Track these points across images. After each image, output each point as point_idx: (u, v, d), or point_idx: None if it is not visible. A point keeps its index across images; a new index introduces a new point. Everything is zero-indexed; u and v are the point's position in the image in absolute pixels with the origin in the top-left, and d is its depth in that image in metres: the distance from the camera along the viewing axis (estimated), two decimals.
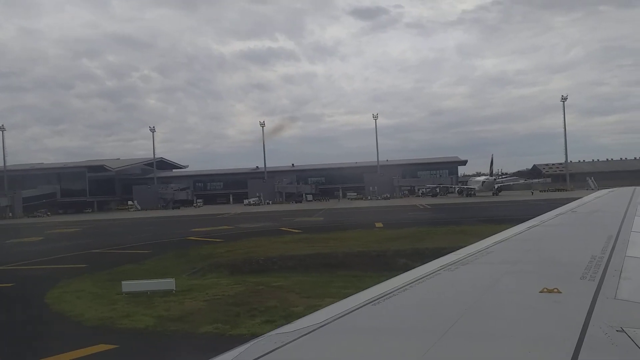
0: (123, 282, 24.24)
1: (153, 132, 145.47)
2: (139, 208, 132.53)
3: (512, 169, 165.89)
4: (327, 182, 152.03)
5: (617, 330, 3.10)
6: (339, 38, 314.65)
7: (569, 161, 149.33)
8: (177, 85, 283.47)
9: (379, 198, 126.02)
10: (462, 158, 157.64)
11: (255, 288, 24.73)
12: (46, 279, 29.99)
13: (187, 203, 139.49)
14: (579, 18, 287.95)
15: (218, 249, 42.66)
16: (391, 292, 4.20)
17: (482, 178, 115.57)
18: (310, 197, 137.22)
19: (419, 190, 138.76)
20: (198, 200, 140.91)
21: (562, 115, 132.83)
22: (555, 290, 4.01)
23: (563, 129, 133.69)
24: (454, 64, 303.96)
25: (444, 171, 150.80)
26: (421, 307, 3.99)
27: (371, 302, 3.95)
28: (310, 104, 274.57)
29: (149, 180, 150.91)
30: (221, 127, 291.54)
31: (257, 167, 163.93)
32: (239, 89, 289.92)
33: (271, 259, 37.09)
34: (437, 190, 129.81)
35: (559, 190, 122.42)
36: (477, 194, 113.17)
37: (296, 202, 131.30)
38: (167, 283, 23.86)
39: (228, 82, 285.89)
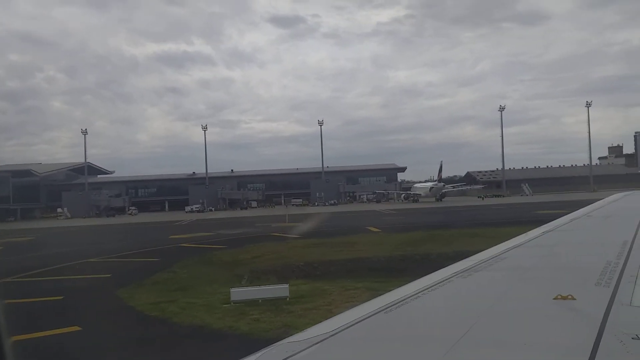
0: (232, 290, 21.97)
1: (85, 134, 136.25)
2: (69, 216, 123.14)
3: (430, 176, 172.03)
4: (267, 188, 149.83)
5: (632, 338, 3.04)
6: (257, 45, 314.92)
7: (497, 169, 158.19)
8: (85, 87, 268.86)
9: (327, 204, 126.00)
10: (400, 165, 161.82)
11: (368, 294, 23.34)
12: (98, 290, 26.86)
13: (120, 210, 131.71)
14: (485, 34, 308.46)
15: (237, 254, 40.30)
16: (403, 300, 4.13)
17: (429, 184, 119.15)
18: (254, 203, 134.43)
19: (360, 197, 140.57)
20: (131, 208, 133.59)
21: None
22: (570, 296, 3.95)
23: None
24: (369, 74, 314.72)
25: (381, 177, 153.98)
26: (434, 315, 3.95)
27: (383, 310, 3.87)
28: (227, 110, 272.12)
29: (77, 186, 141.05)
30: (132, 132, 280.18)
31: (193, 172, 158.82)
32: (153, 92, 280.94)
33: (311, 264, 35.54)
34: (383, 195, 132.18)
35: (496, 196, 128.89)
36: (420, 200, 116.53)
37: (241, 209, 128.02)
38: (281, 289, 21.86)
39: (141, 85, 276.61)
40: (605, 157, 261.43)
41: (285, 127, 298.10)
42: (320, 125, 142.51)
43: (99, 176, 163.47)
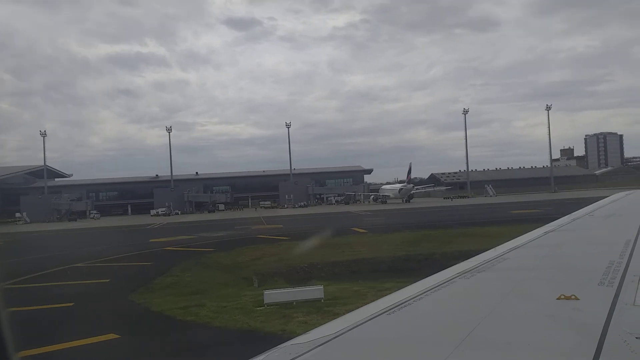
0: (265, 292, 21.28)
1: (44, 136, 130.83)
2: (29, 221, 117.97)
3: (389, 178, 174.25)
4: (233, 191, 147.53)
5: (636, 337, 3.03)
6: (212, 46, 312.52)
7: (460, 170, 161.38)
8: (34, 89, 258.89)
9: (296, 206, 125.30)
10: (366, 167, 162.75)
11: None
12: (107, 295, 25.66)
13: (81, 215, 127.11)
14: (438, 40, 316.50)
15: (233, 257, 39.48)
16: (407, 301, 4.16)
17: (398, 185, 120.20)
18: (222, 206, 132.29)
19: (327, 199, 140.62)
20: (93, 211, 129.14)
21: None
22: (573, 296, 3.94)
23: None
24: (326, 78, 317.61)
25: (348, 179, 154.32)
26: (437, 316, 3.95)
27: (386, 311, 3.88)
28: (182, 112, 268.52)
29: (35, 190, 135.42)
30: (84, 135, 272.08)
31: (156, 175, 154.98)
32: (105, 94, 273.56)
33: (315, 266, 35.16)
34: (351, 197, 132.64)
35: (461, 197, 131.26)
36: (388, 201, 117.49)
37: (209, 212, 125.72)
38: (315, 291, 21.33)
39: (92, 87, 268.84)
40: (557, 159, 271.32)
41: (242, 130, 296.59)
42: (288, 127, 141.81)
43: (56, 179, 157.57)
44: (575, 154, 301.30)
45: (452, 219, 65.06)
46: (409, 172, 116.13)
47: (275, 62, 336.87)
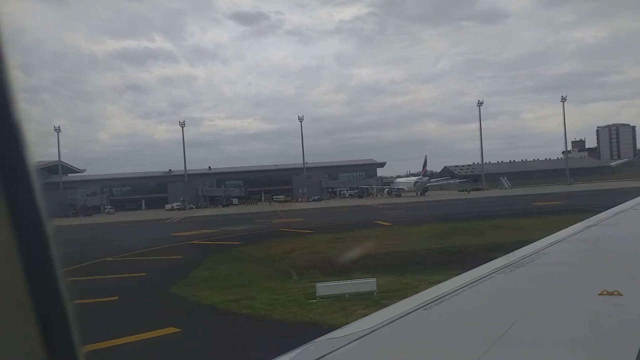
0: (318, 285, 21.05)
1: (58, 132, 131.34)
2: None
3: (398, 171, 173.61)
4: (246, 185, 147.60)
5: None
6: (220, 41, 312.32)
7: (474, 163, 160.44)
8: (42, 85, 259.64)
9: (310, 200, 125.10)
10: (378, 160, 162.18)
11: None
12: (149, 288, 25.54)
13: (96, 210, 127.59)
14: (445, 32, 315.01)
15: (265, 250, 39.28)
16: (443, 297, 4.11)
17: (413, 179, 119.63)
18: (235, 200, 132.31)
19: (340, 192, 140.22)
20: (107, 206, 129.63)
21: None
22: (616, 292, 3.86)
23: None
24: (332, 72, 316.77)
25: (361, 173, 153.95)
26: (474, 312, 3.87)
27: (422, 307, 3.83)
28: (190, 108, 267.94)
29: (49, 185, 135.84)
30: (92, 131, 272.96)
31: (169, 170, 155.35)
32: (113, 90, 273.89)
33: (349, 259, 34.85)
34: (364, 191, 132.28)
35: (476, 189, 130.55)
36: (402, 194, 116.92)
37: (223, 206, 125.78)
38: (368, 284, 21.04)
39: (100, 82, 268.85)
40: (569, 151, 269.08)
41: (250, 125, 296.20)
42: (301, 121, 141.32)
43: (69, 175, 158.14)
44: (586, 146, 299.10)
45: (475, 211, 64.57)
46: (425, 164, 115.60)
47: (282, 56, 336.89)
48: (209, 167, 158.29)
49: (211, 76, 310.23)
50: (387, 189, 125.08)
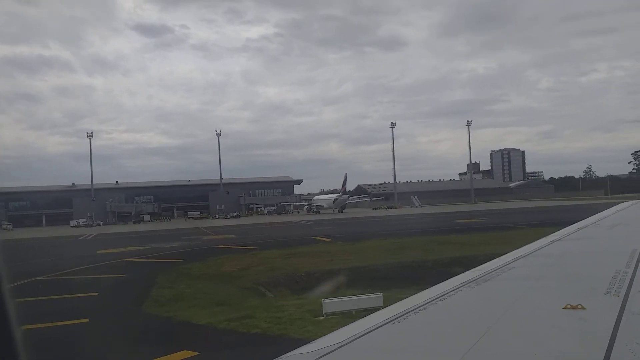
0: (325, 301, 20.07)
1: None
2: None
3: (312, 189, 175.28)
4: (157, 201, 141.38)
5: None
6: (121, 52, 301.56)
7: (385, 182, 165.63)
8: None
9: (228, 217, 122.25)
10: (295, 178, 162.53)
11: None
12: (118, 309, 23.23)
13: None
14: (349, 57, 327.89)
15: (216, 268, 37.36)
16: (412, 311, 4.10)
17: (333, 196, 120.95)
18: (147, 217, 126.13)
19: (257, 209, 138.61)
20: (4, 222, 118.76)
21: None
22: (579, 306, 3.92)
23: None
24: (239, 89, 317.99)
25: (278, 190, 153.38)
26: (442, 326, 3.92)
27: (391, 321, 3.82)
28: (87, 119, 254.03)
29: None
30: None
31: (73, 184, 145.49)
32: (2, 98, 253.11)
33: (312, 275, 34.06)
34: (283, 208, 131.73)
35: (389, 207, 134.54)
36: (321, 212, 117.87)
37: (134, 223, 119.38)
38: (374, 299, 20.42)
39: None
40: (464, 173, 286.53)
41: (151, 139, 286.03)
42: (218, 136, 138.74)
43: None
44: (481, 168, 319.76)
45: (408, 227, 66.09)
46: (344, 182, 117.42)
47: (187, 70, 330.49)
48: (117, 182, 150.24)
49: (110, 87, 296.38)
50: (306, 206, 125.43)
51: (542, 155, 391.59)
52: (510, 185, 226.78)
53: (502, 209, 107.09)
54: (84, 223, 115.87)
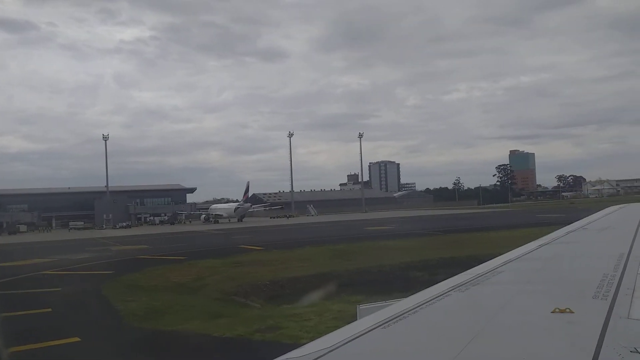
0: (360, 307, 18.83)
1: None
2: None
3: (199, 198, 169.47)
4: (32, 210, 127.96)
5: (630, 351, 3.04)
6: None
7: (280, 191, 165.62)
8: None
9: (117, 227, 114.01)
10: (187, 186, 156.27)
11: None
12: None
13: None
14: (229, 65, 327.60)
15: (162, 279, 34.34)
16: (401, 315, 4.08)
17: (234, 205, 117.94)
18: (24, 227, 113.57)
19: (148, 219, 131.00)
20: None
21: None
22: (568, 310, 3.95)
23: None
24: (111, 92, 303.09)
25: (168, 198, 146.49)
26: (432, 330, 3.93)
27: (381, 325, 3.81)
28: None
29: None
30: None
31: None
32: None
33: (277, 283, 32.62)
34: (176, 217, 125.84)
35: (287, 216, 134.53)
36: (220, 221, 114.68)
37: (10, 234, 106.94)
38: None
39: None
40: (345, 184, 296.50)
41: (10, 143, 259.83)
42: (105, 140, 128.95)
43: None
44: (360, 179, 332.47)
45: (327, 234, 66.11)
46: (247, 191, 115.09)
47: (55, 70, 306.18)
48: None
49: None
50: (204, 215, 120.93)
51: (411, 168, 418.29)
52: (395, 195, 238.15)
53: (397, 217, 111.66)
54: None
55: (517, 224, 64.66)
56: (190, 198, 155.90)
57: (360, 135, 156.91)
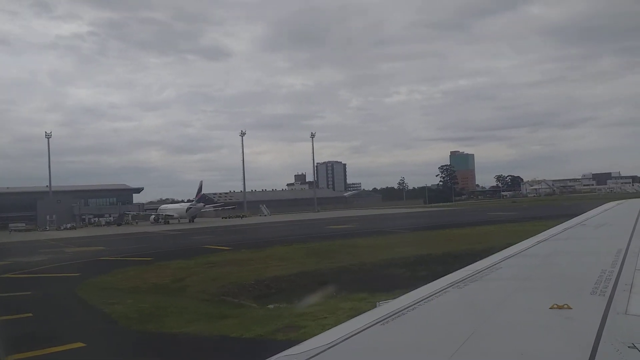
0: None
1: None
2: None
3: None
4: None
5: (628, 347, 3.04)
6: None
7: (230, 191, 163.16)
8: None
9: (61, 228, 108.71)
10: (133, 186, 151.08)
11: None
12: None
13: None
14: (170, 62, 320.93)
15: (138, 280, 32.78)
16: (400, 311, 4.12)
17: (185, 205, 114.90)
18: None
19: (92, 220, 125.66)
20: None
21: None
22: (566, 306, 3.95)
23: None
24: (46, 89, 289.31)
25: (113, 199, 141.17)
26: (430, 326, 3.97)
27: (380, 321, 3.84)
28: None
29: None
30: None
31: None
32: None
33: (262, 283, 31.74)
34: (123, 218, 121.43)
35: (240, 216, 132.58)
36: (170, 221, 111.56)
37: None
38: None
39: None
40: (292, 184, 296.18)
41: None
42: (48, 138, 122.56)
43: None
44: (307, 179, 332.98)
45: (292, 233, 65.44)
46: (199, 190, 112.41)
47: None
48: None
49: None
50: (153, 216, 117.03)
51: (355, 168, 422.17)
52: (345, 194, 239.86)
53: (353, 215, 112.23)
54: None
55: (479, 221, 66.83)
56: (136, 198, 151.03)
57: (313, 135, 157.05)
